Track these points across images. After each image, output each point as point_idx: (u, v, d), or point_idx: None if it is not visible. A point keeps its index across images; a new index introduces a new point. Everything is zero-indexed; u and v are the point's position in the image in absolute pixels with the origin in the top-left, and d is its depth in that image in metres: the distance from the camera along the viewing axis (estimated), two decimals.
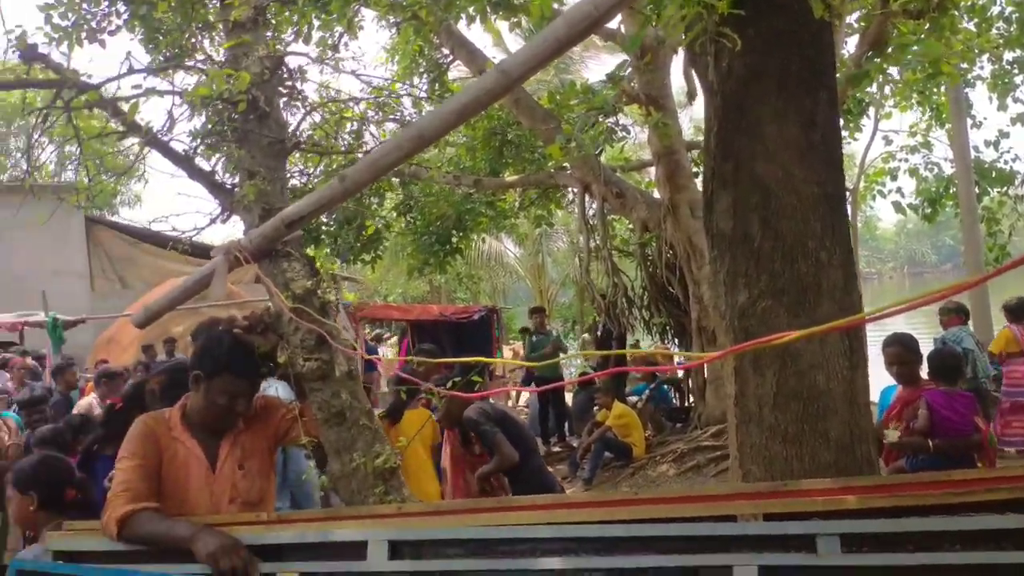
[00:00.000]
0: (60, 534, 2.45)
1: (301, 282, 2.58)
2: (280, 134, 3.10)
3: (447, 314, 13.12)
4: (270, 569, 2.19)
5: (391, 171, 2.67)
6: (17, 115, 19.64)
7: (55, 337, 11.68)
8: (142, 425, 2.59)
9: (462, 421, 4.74)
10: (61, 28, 4.59)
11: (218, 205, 3.17)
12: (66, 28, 4.64)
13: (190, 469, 2.57)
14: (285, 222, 2.45)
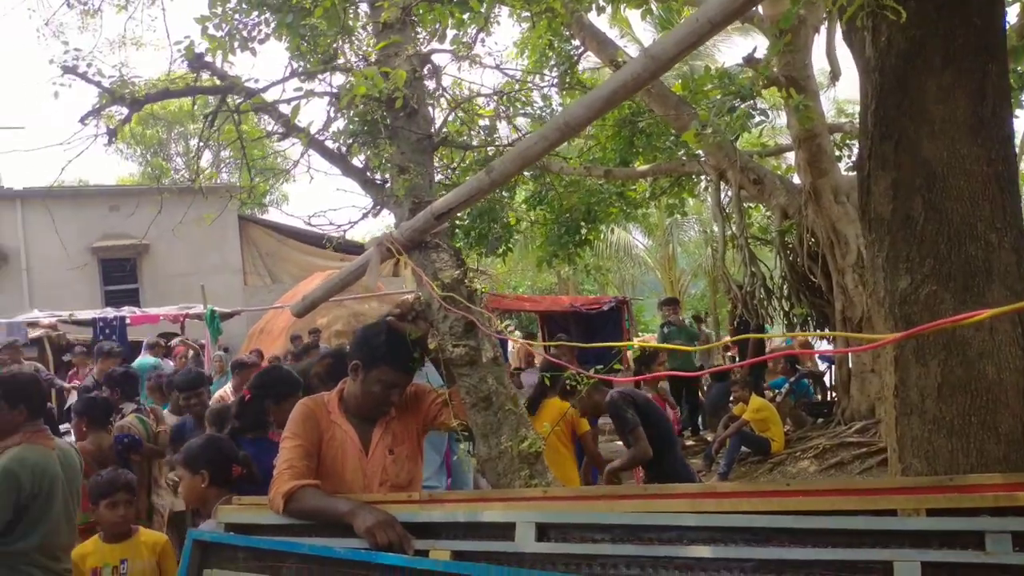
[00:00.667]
0: (231, 508, 2.64)
1: (449, 272, 2.67)
2: (427, 130, 3.21)
3: (577, 305, 13.13)
4: (423, 546, 2.27)
5: (536, 161, 2.72)
6: (177, 122, 21.20)
7: (213, 328, 12.55)
8: (303, 408, 2.75)
9: (601, 409, 4.74)
10: (216, 39, 4.92)
11: (370, 200, 3.33)
12: (221, 38, 4.96)
13: (346, 451, 2.71)
14: (435, 214, 2.54)
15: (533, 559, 2.18)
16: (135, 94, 3.69)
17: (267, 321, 15.83)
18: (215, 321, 12.49)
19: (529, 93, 6.52)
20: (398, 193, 2.96)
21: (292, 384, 3.75)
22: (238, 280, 19.19)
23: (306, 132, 3.61)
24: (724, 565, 2.00)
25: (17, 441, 3.33)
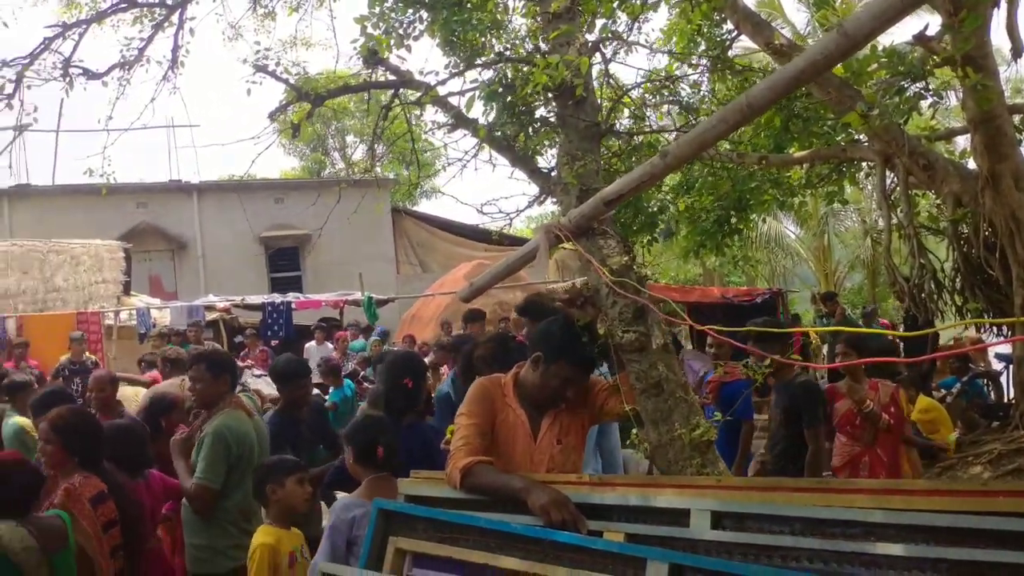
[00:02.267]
0: (410, 481, 2.78)
1: (617, 258, 2.68)
2: (594, 117, 3.24)
3: (729, 296, 12.77)
4: (595, 527, 2.31)
5: (713, 145, 2.67)
6: (334, 118, 22.29)
7: (370, 314, 13.17)
8: (480, 387, 2.86)
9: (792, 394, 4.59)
10: (374, 37, 5.14)
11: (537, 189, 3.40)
12: (380, 36, 5.18)
13: (516, 435, 2.79)
14: (605, 200, 2.56)
15: (708, 546, 2.17)
16: (317, 90, 3.92)
17: (418, 308, 16.42)
18: (372, 307, 13.10)
19: (678, 80, 6.40)
20: (567, 180, 3.01)
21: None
22: (391, 269, 20.02)
23: (478, 124, 3.71)
24: (917, 565, 1.92)
25: (222, 409, 3.68)
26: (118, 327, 12.05)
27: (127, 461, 3.71)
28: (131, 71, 5.03)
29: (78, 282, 13.34)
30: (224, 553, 3.55)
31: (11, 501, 2.87)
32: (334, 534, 2.94)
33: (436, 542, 2.43)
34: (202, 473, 3.63)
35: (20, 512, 2.86)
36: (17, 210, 18.42)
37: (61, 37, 4.81)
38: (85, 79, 4.90)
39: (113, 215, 18.31)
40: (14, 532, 2.79)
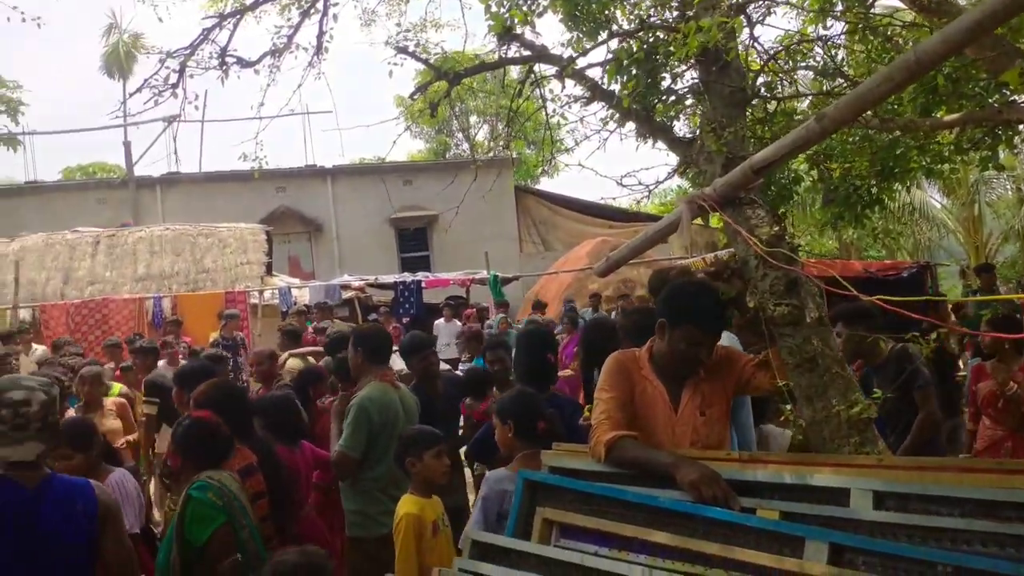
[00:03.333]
0: (553, 453, 2.80)
1: (766, 228, 2.59)
2: (740, 83, 3.13)
3: (872, 271, 12.10)
4: (749, 505, 2.25)
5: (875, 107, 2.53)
6: (458, 99, 22.60)
7: (496, 292, 13.36)
8: (615, 362, 2.84)
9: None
10: (509, 12, 5.14)
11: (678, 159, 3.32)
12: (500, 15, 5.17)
13: (656, 408, 2.75)
14: (753, 168, 2.47)
15: (871, 527, 2.09)
16: (455, 69, 3.97)
17: (541, 286, 16.52)
18: (497, 285, 13.29)
19: (814, 43, 6.08)
20: (711, 148, 2.92)
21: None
22: (514, 247, 20.22)
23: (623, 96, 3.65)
24: None
25: (368, 381, 3.84)
26: (262, 305, 12.76)
27: (283, 430, 3.93)
28: (281, 58, 5.28)
29: (225, 263, 14.20)
30: (376, 519, 3.72)
31: (215, 452, 3.14)
32: (486, 505, 3.01)
33: (583, 514, 2.44)
34: (344, 441, 3.82)
35: (219, 463, 3.11)
36: (168, 197, 19.79)
37: (218, 27, 5.10)
38: (239, 68, 5.19)
39: (255, 200, 19.37)
40: (224, 475, 3.06)
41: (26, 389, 2.51)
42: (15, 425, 2.45)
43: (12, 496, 2.43)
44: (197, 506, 2.93)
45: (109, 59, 29.00)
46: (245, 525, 3.01)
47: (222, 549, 2.88)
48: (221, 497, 2.96)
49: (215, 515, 2.91)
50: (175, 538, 2.93)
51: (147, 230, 15.06)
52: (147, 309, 12.22)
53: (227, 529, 2.92)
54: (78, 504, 2.53)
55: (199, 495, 2.95)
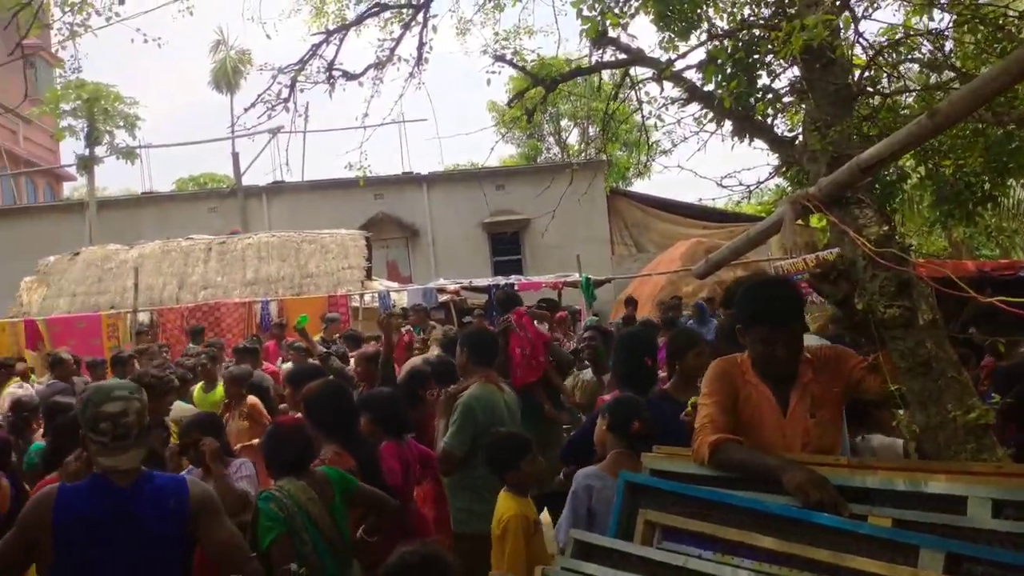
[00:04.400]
0: (654, 456, 2.81)
1: (875, 228, 2.52)
2: (844, 80, 3.05)
3: (986, 270, 11.45)
4: (859, 511, 2.21)
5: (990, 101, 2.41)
6: (550, 104, 22.69)
7: (588, 294, 13.34)
8: (718, 367, 2.82)
9: None
10: (605, 15, 5.14)
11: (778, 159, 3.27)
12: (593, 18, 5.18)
13: (763, 412, 2.71)
14: (861, 167, 2.42)
15: (990, 536, 2.01)
16: (551, 75, 4.02)
17: (634, 288, 16.36)
18: (590, 288, 13.26)
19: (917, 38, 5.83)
20: (814, 147, 2.86)
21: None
22: (606, 250, 20.13)
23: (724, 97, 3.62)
24: None
25: (474, 381, 3.96)
26: (363, 308, 13.15)
27: (390, 424, 4.06)
28: (384, 70, 5.47)
29: (327, 268, 14.70)
30: (482, 516, 3.79)
31: (290, 460, 3.27)
32: (575, 502, 3.05)
33: (683, 516, 2.44)
34: (448, 439, 3.93)
35: (298, 470, 3.25)
36: (273, 205, 20.63)
37: (325, 43, 5.33)
38: (344, 81, 5.41)
39: (354, 207, 19.97)
40: (296, 486, 3.17)
41: (121, 400, 2.58)
42: (116, 436, 2.53)
43: (109, 495, 2.54)
44: (261, 516, 3.08)
45: (217, 74, 30.50)
46: (307, 539, 3.10)
47: (279, 558, 3.00)
48: (283, 509, 3.08)
49: (274, 525, 3.04)
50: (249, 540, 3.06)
51: (255, 237, 15.75)
52: (255, 312, 12.78)
53: (285, 539, 3.04)
54: (171, 501, 2.63)
55: (263, 506, 3.10)
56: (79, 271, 14.73)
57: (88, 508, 2.51)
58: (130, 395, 2.61)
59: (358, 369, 5.84)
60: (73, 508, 2.50)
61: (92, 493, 2.54)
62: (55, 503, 2.51)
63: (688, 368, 3.94)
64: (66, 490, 2.57)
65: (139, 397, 2.64)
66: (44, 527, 2.48)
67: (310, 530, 3.11)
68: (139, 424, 2.59)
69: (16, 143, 26.34)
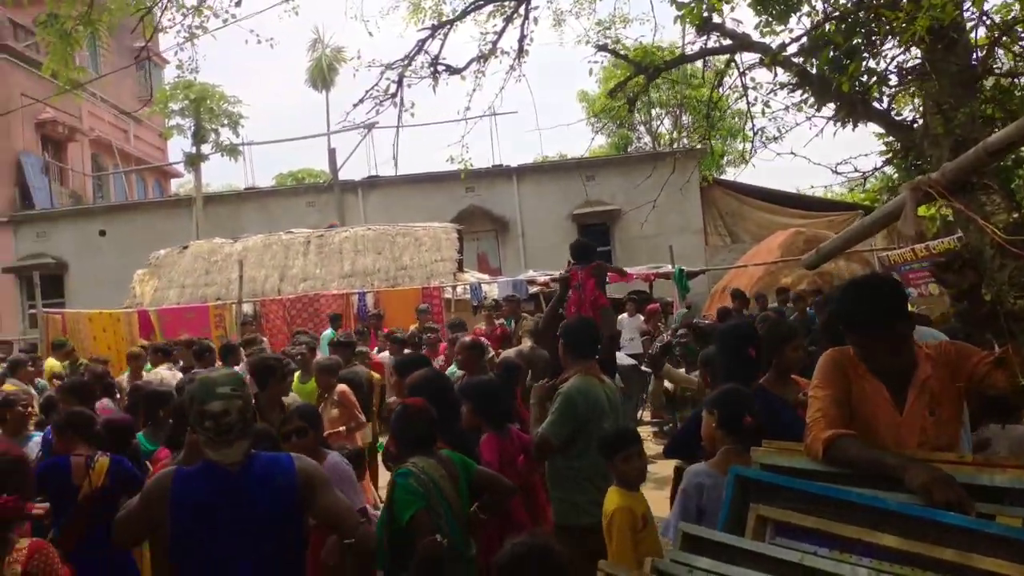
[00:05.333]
0: (764, 451, 2.75)
1: (1003, 215, 2.39)
2: (967, 61, 2.90)
3: None
4: (988, 511, 2.12)
5: None
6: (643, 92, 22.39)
7: (681, 286, 13.12)
8: (831, 358, 2.74)
9: None
10: (686, 5, 5.03)
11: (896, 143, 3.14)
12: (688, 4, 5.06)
13: (877, 408, 2.62)
14: (988, 151, 2.30)
15: None
16: (653, 63, 3.97)
17: (729, 280, 16.02)
18: (683, 280, 13.05)
19: None
20: (937, 131, 2.73)
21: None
22: (699, 240, 19.77)
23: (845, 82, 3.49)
24: None
25: (574, 373, 3.97)
26: (455, 300, 13.34)
27: (490, 414, 4.11)
28: (486, 64, 5.52)
29: (421, 260, 14.98)
30: (583, 508, 3.82)
31: (419, 437, 3.38)
32: (685, 498, 3.02)
33: (797, 512, 2.38)
34: (548, 426, 3.97)
35: (426, 448, 3.34)
36: (369, 199, 21.12)
37: (431, 37, 5.42)
38: (447, 75, 5.48)
39: (446, 200, 20.26)
40: (428, 463, 3.29)
41: (223, 399, 2.63)
42: (219, 431, 2.62)
43: (219, 479, 2.64)
44: (400, 491, 3.16)
45: (313, 72, 31.41)
46: (442, 513, 3.19)
47: (421, 531, 3.07)
48: (421, 484, 3.16)
49: (414, 500, 3.12)
50: (386, 517, 3.18)
51: (351, 230, 16.18)
52: (352, 304, 13.14)
53: (425, 513, 3.12)
54: (278, 479, 2.71)
55: (402, 481, 3.18)
56: (187, 264, 15.47)
57: (201, 492, 2.62)
58: (232, 393, 2.66)
59: (459, 357, 5.93)
60: (187, 491, 2.62)
61: (204, 477, 2.65)
62: (171, 485, 2.64)
63: (784, 362, 3.84)
64: (181, 474, 2.69)
65: (241, 394, 2.70)
66: (162, 508, 2.61)
67: (443, 505, 3.21)
68: (242, 420, 2.66)
69: (127, 142, 27.83)
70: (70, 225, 21.29)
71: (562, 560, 2.31)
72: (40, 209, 21.43)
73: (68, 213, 21.75)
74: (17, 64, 21.60)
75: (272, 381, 4.97)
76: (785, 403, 3.62)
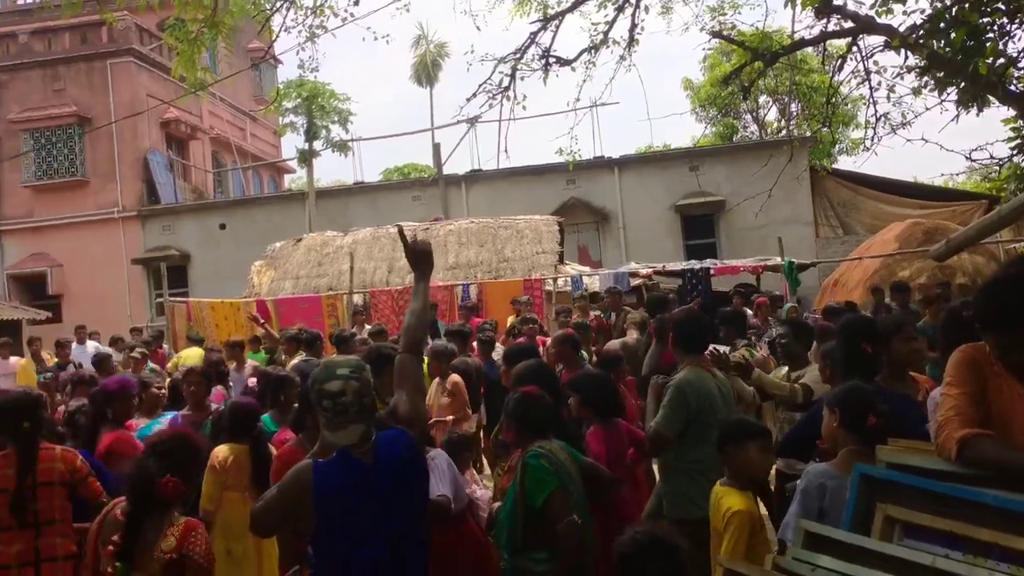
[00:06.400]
0: (890, 449, 2.67)
1: None
2: None
3: None
4: None
5: None
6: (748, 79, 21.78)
7: (791, 279, 12.71)
8: (965, 355, 2.62)
9: None
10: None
11: None
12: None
13: (1014, 408, 2.49)
14: None
15: None
16: (771, 49, 3.88)
17: (841, 273, 15.42)
18: (793, 272, 12.64)
19: None
20: None
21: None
22: (809, 232, 19.11)
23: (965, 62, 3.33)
24: None
25: (686, 365, 3.96)
26: (556, 292, 13.38)
27: (598, 407, 4.14)
28: (597, 54, 5.51)
29: (522, 253, 15.09)
30: (695, 501, 3.80)
31: (540, 422, 3.45)
32: (806, 499, 2.94)
33: (926, 513, 2.30)
34: (660, 419, 3.98)
35: (545, 434, 3.42)
36: (472, 192, 21.41)
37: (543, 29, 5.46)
38: (558, 66, 5.51)
39: (547, 192, 20.32)
40: (553, 445, 3.36)
41: (341, 380, 2.70)
42: (336, 413, 2.69)
43: (356, 472, 2.71)
44: (534, 472, 3.20)
45: (418, 68, 32.06)
46: (573, 492, 3.24)
47: (559, 510, 3.11)
48: (553, 465, 3.22)
49: (550, 480, 3.16)
50: (517, 500, 3.22)
51: (455, 224, 16.45)
52: (456, 295, 13.37)
53: (562, 492, 3.16)
54: (403, 453, 2.79)
55: (534, 462, 3.23)
56: (301, 255, 16.11)
57: (341, 481, 2.71)
58: (350, 374, 2.72)
59: (552, 351, 5.97)
60: (328, 481, 2.70)
61: (341, 468, 2.73)
62: (313, 476, 2.72)
63: (895, 356, 3.69)
64: (319, 466, 2.76)
65: (359, 376, 2.75)
66: (305, 498, 2.71)
67: (574, 486, 3.26)
68: (358, 403, 2.71)
69: (244, 139, 29.19)
70: (193, 219, 22.51)
71: (683, 552, 2.31)
72: (165, 204, 22.73)
73: (191, 208, 23.00)
74: (143, 67, 22.97)
75: (388, 369, 5.13)
76: (909, 399, 3.48)
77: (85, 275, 22.04)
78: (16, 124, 22.38)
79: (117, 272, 22.03)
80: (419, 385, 3.11)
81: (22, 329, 16.23)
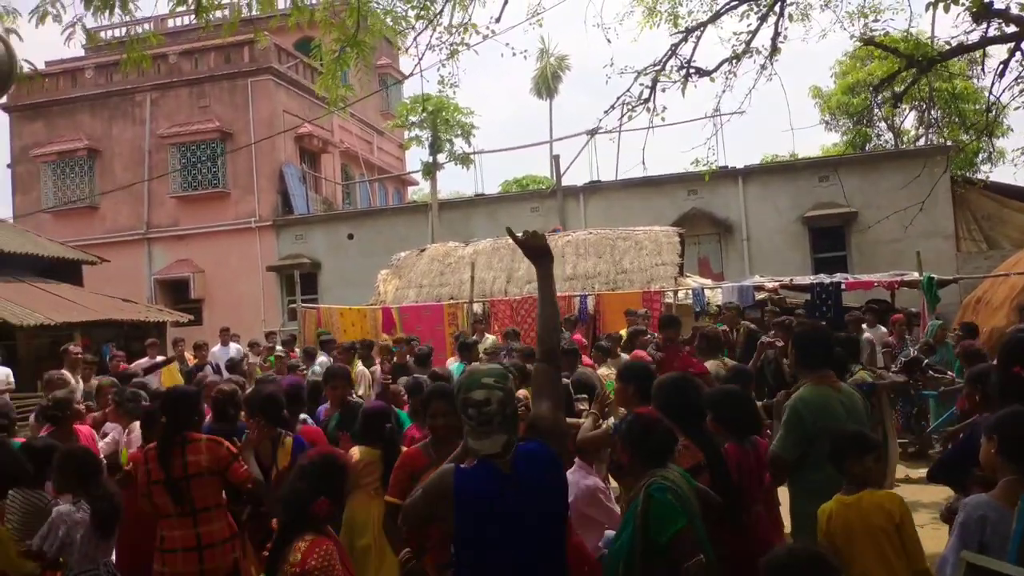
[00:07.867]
0: None
1: None
2: None
3: None
4: None
5: None
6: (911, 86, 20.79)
7: (930, 296, 12.03)
8: None
9: None
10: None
11: None
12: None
13: None
14: None
15: None
16: (927, 55, 3.72)
17: (985, 291, 14.44)
18: (933, 289, 11.97)
19: None
20: None
21: None
22: (949, 246, 18.03)
23: None
24: None
25: (805, 382, 3.86)
26: (676, 305, 13.18)
27: (732, 425, 4.02)
28: (738, 64, 5.45)
29: (641, 264, 14.95)
30: None
31: (658, 450, 3.28)
32: (964, 532, 2.78)
33: None
34: (776, 442, 3.90)
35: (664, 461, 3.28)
36: (590, 203, 21.40)
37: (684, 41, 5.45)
38: (697, 77, 5.48)
39: (667, 203, 20.07)
40: (677, 475, 3.20)
41: (486, 388, 2.73)
42: (480, 422, 2.71)
43: (498, 481, 2.73)
44: (659, 507, 3.03)
45: (539, 81, 32.42)
46: (698, 527, 3.08)
47: (686, 550, 2.97)
48: (679, 499, 3.05)
49: (677, 517, 3.00)
50: (638, 533, 3.05)
51: (573, 235, 16.50)
52: (574, 306, 13.40)
53: (689, 530, 3.00)
54: (543, 466, 2.79)
55: (660, 496, 3.04)
56: (424, 265, 16.57)
57: (480, 488, 2.75)
58: (494, 384, 2.75)
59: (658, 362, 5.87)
60: (468, 487, 2.75)
61: (482, 477, 2.76)
62: (455, 482, 2.78)
63: None
64: (461, 472, 2.81)
65: (503, 386, 2.76)
66: (446, 501, 2.77)
67: (697, 520, 3.12)
68: (501, 412, 2.72)
69: (371, 153, 30.31)
70: (323, 229, 23.55)
71: (838, 573, 2.25)
72: (298, 214, 23.88)
73: (321, 218, 24.06)
74: (280, 84, 24.28)
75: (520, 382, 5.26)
76: None
77: (224, 281, 23.47)
78: (165, 139, 24.10)
79: (253, 278, 23.34)
80: (559, 397, 3.12)
81: (166, 331, 17.42)
